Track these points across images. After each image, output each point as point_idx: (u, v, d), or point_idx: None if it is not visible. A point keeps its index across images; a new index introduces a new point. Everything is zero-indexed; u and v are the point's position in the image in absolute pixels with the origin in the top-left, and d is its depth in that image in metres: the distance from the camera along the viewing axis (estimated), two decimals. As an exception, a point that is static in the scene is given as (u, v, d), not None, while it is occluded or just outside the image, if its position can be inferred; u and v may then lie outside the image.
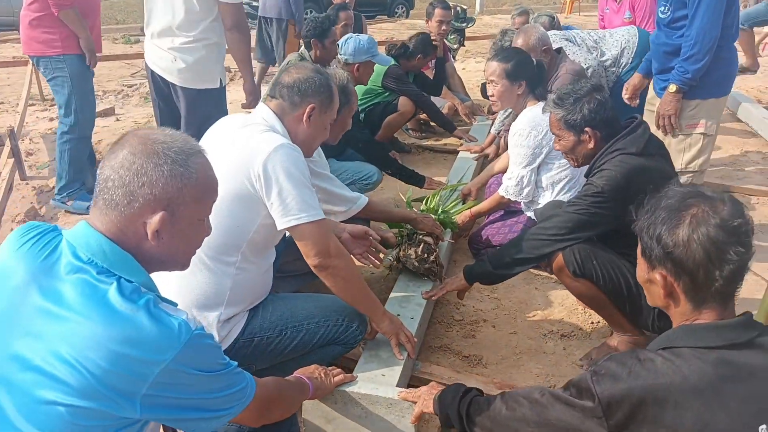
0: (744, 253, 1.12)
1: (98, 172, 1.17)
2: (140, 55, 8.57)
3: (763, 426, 1.08)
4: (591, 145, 2.20)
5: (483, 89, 5.77)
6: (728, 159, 4.82)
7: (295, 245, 1.87)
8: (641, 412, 1.12)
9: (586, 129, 2.18)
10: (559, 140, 2.30)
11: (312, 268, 1.87)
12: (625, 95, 3.36)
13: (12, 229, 3.43)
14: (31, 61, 5.89)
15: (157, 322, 1.08)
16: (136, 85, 7.41)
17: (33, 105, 6.28)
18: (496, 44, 3.95)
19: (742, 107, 5.62)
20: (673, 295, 1.20)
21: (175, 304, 1.18)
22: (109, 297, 1.08)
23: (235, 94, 5.63)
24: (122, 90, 7.15)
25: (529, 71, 2.86)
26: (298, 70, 1.97)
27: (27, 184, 4.16)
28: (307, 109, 1.94)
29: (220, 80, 3.12)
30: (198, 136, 1.73)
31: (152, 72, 3.18)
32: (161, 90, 3.20)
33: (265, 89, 3.09)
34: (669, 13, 2.83)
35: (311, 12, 16.23)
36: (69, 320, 1.06)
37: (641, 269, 1.27)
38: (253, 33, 4.59)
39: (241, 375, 1.27)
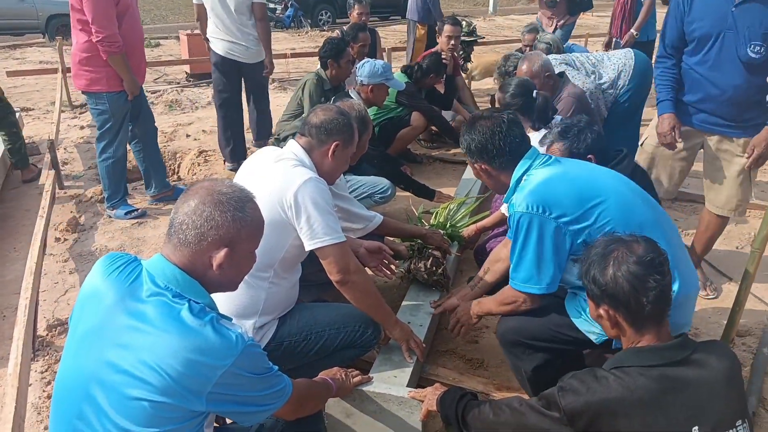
0: (661, 279, 1.41)
1: (172, 215, 1.48)
2: (161, 62, 8.92)
3: (696, 427, 1.35)
4: None
5: (493, 101, 6.04)
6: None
7: (316, 258, 2.16)
8: (599, 422, 1.40)
9: (589, 156, 2.44)
10: None
11: (334, 283, 2.17)
12: (664, 140, 3.01)
13: (56, 238, 3.77)
14: (62, 72, 6.24)
15: (219, 335, 1.37)
16: (159, 91, 7.65)
17: (63, 112, 6.57)
18: (500, 69, 4.20)
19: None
20: (619, 325, 1.49)
21: (230, 320, 1.47)
22: (182, 315, 1.37)
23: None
24: (147, 98, 7.43)
25: (529, 107, 3.13)
26: (325, 112, 2.27)
27: (65, 193, 4.48)
28: (332, 146, 2.23)
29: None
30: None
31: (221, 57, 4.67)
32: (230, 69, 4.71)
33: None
34: (764, 53, 2.66)
35: (326, 13, 16.55)
36: (151, 334, 1.35)
37: (591, 308, 1.56)
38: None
39: (281, 377, 1.56)
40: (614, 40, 5.95)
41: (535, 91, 3.18)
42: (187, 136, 5.84)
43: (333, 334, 2.24)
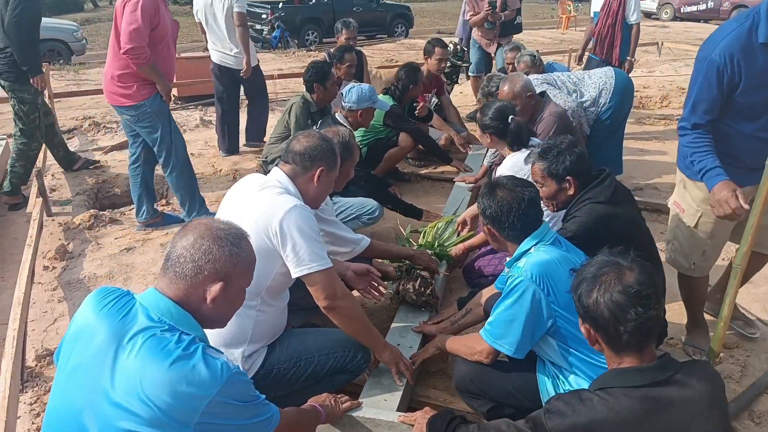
0: (642, 312, 1.42)
1: (169, 250, 1.51)
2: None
3: None
4: (571, 192, 2.50)
5: (474, 117, 6.11)
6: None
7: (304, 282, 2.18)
8: None
9: (568, 178, 2.48)
10: (542, 187, 2.59)
11: (322, 309, 2.19)
12: (726, 208, 2.32)
13: (44, 266, 3.76)
14: (49, 98, 6.25)
15: (206, 365, 1.39)
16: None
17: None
18: (484, 90, 4.26)
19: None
20: (598, 343, 1.51)
21: (220, 351, 1.49)
22: (171, 347, 1.39)
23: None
24: (134, 121, 7.44)
25: (505, 131, 3.26)
26: (307, 139, 2.29)
27: (53, 220, 4.46)
28: (317, 172, 2.26)
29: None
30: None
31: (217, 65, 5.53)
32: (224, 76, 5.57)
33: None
34: None
35: (312, 33, 16.69)
36: (141, 367, 1.36)
37: (580, 321, 1.58)
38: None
39: (268, 405, 1.58)
40: (590, 57, 6.10)
41: (510, 117, 3.24)
42: (176, 159, 5.83)
43: (323, 359, 2.25)
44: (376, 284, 2.76)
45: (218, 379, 1.39)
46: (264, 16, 16.14)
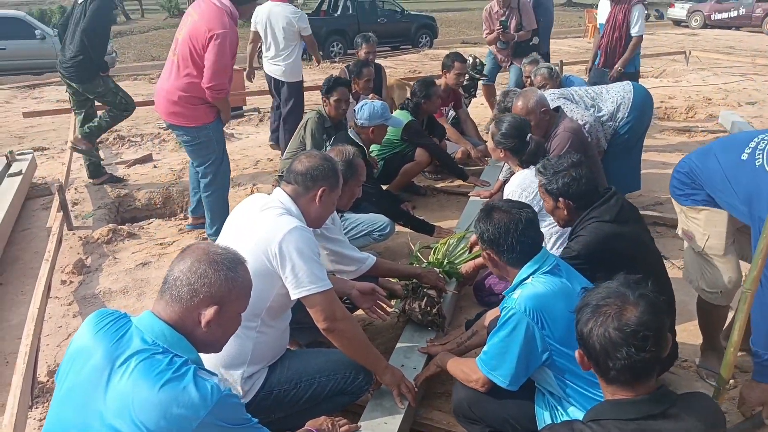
0: (635, 354, 1.36)
1: (167, 273, 1.54)
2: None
3: None
4: (565, 213, 2.47)
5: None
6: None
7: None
8: None
9: (560, 199, 2.45)
10: (545, 203, 2.57)
11: (321, 331, 2.18)
12: None
13: (62, 280, 3.83)
14: (74, 112, 6.42)
15: (196, 387, 1.39)
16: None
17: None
18: (500, 105, 4.22)
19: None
20: (591, 369, 1.47)
21: (214, 374, 1.49)
22: (163, 369, 1.40)
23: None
24: (158, 133, 7.53)
25: (521, 149, 3.21)
26: (309, 159, 2.30)
27: (74, 234, 4.54)
28: (319, 192, 2.26)
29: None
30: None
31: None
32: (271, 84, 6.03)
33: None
34: None
35: (337, 45, 16.81)
36: (133, 389, 1.38)
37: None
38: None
39: (260, 429, 1.57)
40: (595, 68, 6.04)
41: (529, 135, 3.19)
42: (197, 172, 5.92)
43: (323, 381, 2.23)
44: (381, 303, 2.75)
45: (208, 401, 1.39)
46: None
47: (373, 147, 4.34)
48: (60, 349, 3.21)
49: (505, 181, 4.39)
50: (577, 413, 1.90)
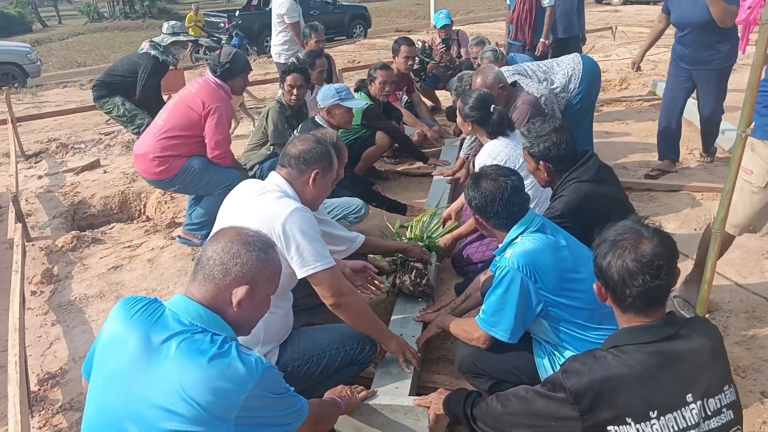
0: (650, 281, 1.51)
1: (201, 254, 1.57)
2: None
3: (689, 395, 1.48)
4: (545, 175, 2.63)
5: (448, 112, 6.23)
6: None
7: (304, 284, 2.24)
8: (601, 398, 1.50)
9: (541, 162, 2.60)
10: (527, 163, 2.72)
11: (329, 307, 2.25)
12: None
13: (32, 291, 3.73)
14: (11, 122, 6.16)
15: (241, 361, 1.45)
16: (113, 132, 7.52)
17: (17, 162, 6.44)
18: (457, 89, 4.35)
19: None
20: (608, 300, 1.61)
21: (250, 349, 1.54)
22: (206, 347, 1.45)
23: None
24: (101, 139, 7.27)
25: (486, 120, 3.33)
26: (302, 143, 2.35)
27: (33, 245, 4.41)
28: (312, 174, 2.32)
29: None
30: None
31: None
32: None
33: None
34: None
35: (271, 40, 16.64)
36: (178, 368, 1.42)
37: (596, 278, 1.67)
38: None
39: (298, 397, 1.64)
40: (509, 43, 6.38)
41: (492, 106, 3.34)
42: (150, 175, 5.81)
43: (333, 354, 2.31)
44: (373, 279, 2.84)
45: (254, 374, 1.45)
46: (221, 25, 16.05)
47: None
48: (44, 358, 3.15)
49: (466, 158, 4.56)
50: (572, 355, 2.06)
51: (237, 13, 16.80)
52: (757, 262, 3.57)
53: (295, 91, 4.47)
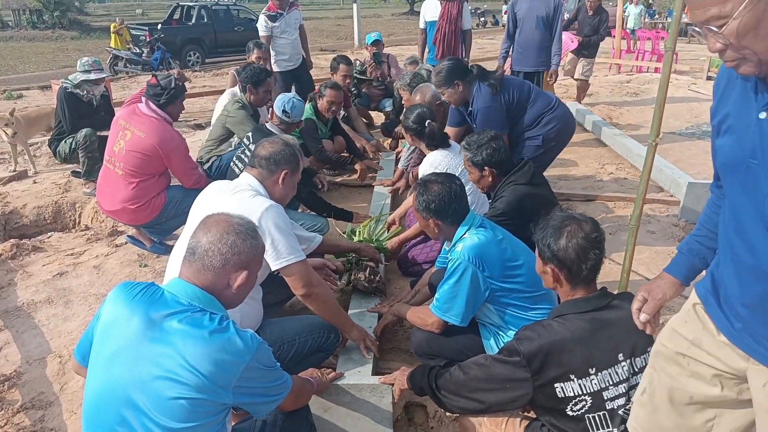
0: (599, 253, 1.85)
1: (193, 243, 1.72)
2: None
3: (620, 354, 1.80)
4: (490, 179, 2.95)
5: (384, 129, 6.55)
6: (590, 172, 5.88)
7: (266, 282, 2.45)
8: (549, 359, 1.80)
9: (485, 168, 2.92)
10: (470, 174, 3.03)
11: (300, 297, 2.45)
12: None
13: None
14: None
15: (239, 337, 1.63)
16: (37, 143, 7.34)
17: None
18: (411, 83, 4.68)
19: (598, 129, 6.79)
20: (558, 281, 1.91)
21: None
22: (206, 324, 1.61)
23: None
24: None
25: (423, 132, 3.69)
26: (272, 145, 2.56)
27: (-33, 254, 4.30)
28: (282, 175, 2.52)
29: None
30: None
31: None
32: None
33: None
34: None
35: (194, 54, 16.47)
36: (181, 342, 1.57)
37: (538, 265, 1.97)
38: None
39: (284, 372, 1.83)
40: (429, 62, 6.73)
41: (427, 122, 3.66)
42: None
43: (302, 342, 2.50)
44: (328, 276, 3.06)
45: (251, 347, 1.63)
46: (142, 38, 15.77)
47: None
48: (-3, 363, 3.13)
49: (405, 169, 4.87)
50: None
51: (159, 26, 16.57)
52: (665, 261, 4.05)
53: (268, 96, 4.76)
